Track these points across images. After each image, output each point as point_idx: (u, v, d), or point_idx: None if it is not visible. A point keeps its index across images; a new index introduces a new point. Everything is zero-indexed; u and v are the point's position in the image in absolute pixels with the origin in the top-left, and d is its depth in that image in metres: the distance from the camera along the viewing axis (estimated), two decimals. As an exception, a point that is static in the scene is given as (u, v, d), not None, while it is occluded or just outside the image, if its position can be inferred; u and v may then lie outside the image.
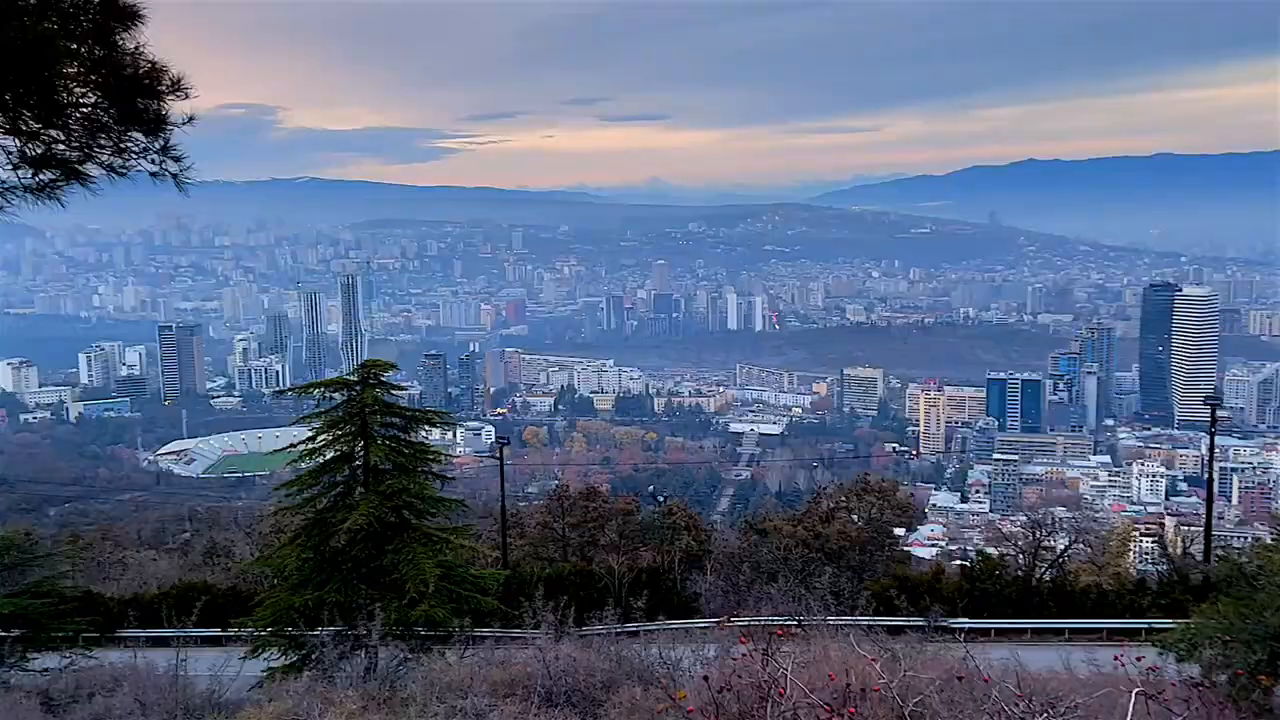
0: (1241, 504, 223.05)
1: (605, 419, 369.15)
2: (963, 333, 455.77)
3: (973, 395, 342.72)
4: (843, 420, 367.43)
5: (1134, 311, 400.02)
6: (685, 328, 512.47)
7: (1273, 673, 27.67)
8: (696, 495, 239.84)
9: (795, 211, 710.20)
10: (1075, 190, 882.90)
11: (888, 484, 57.92)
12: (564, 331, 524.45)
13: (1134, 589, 45.28)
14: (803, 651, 20.64)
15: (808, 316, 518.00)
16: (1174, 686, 10.65)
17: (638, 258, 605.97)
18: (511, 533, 56.12)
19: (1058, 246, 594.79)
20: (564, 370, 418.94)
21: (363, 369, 35.31)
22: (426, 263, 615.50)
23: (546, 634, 29.37)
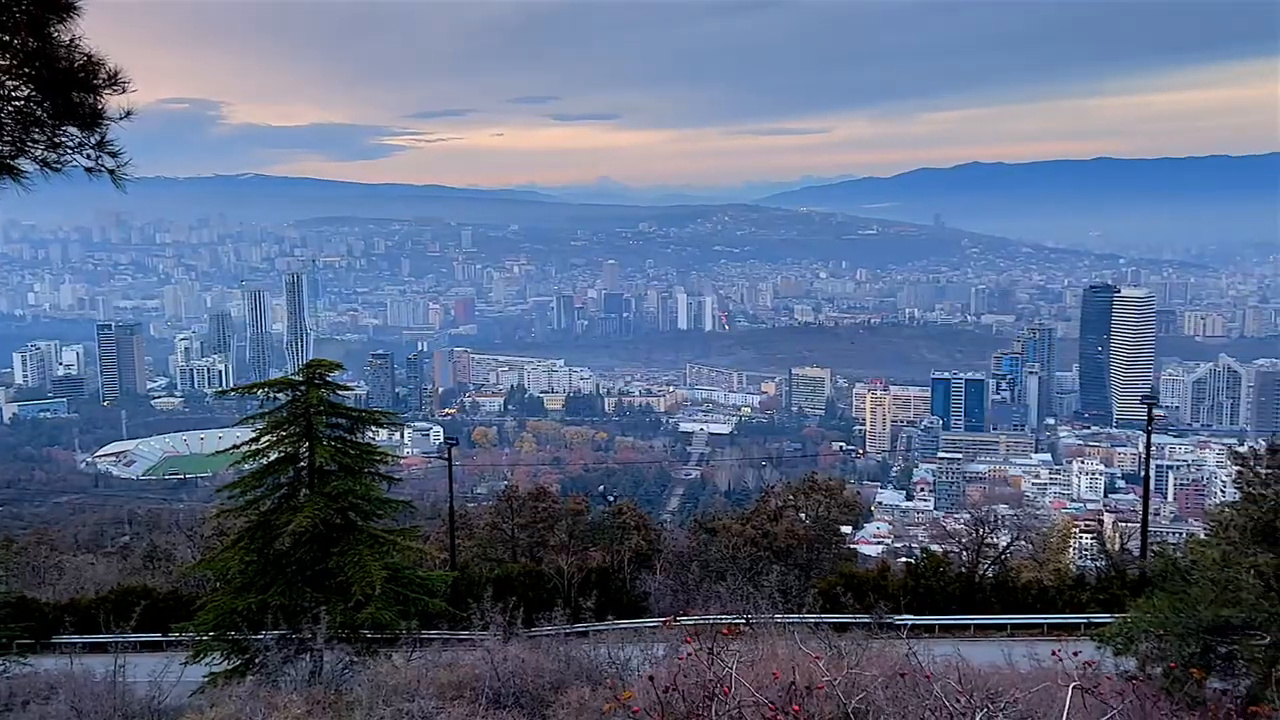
0: (1177, 501, 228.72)
1: (555, 419, 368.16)
2: (908, 333, 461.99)
3: (918, 395, 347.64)
4: (791, 419, 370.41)
5: (1074, 312, 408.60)
6: (636, 327, 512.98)
7: (1206, 666, 28.48)
8: (646, 495, 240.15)
9: (744, 212, 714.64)
10: (1018, 193, 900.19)
11: (835, 482, 58.50)
12: (514, 331, 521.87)
13: (1074, 584, 46.24)
14: (750, 650, 20.80)
15: (757, 316, 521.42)
16: (1109, 680, 10.92)
17: (588, 257, 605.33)
18: (460, 534, 55.70)
19: (1000, 248, 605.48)
20: (514, 370, 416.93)
21: (308, 369, 34.87)
22: (374, 261, 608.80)
23: (495, 635, 29.27)
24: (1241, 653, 27.64)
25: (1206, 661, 28.36)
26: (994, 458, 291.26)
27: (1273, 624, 26.84)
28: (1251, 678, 27.50)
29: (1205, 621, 27.67)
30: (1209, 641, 28.08)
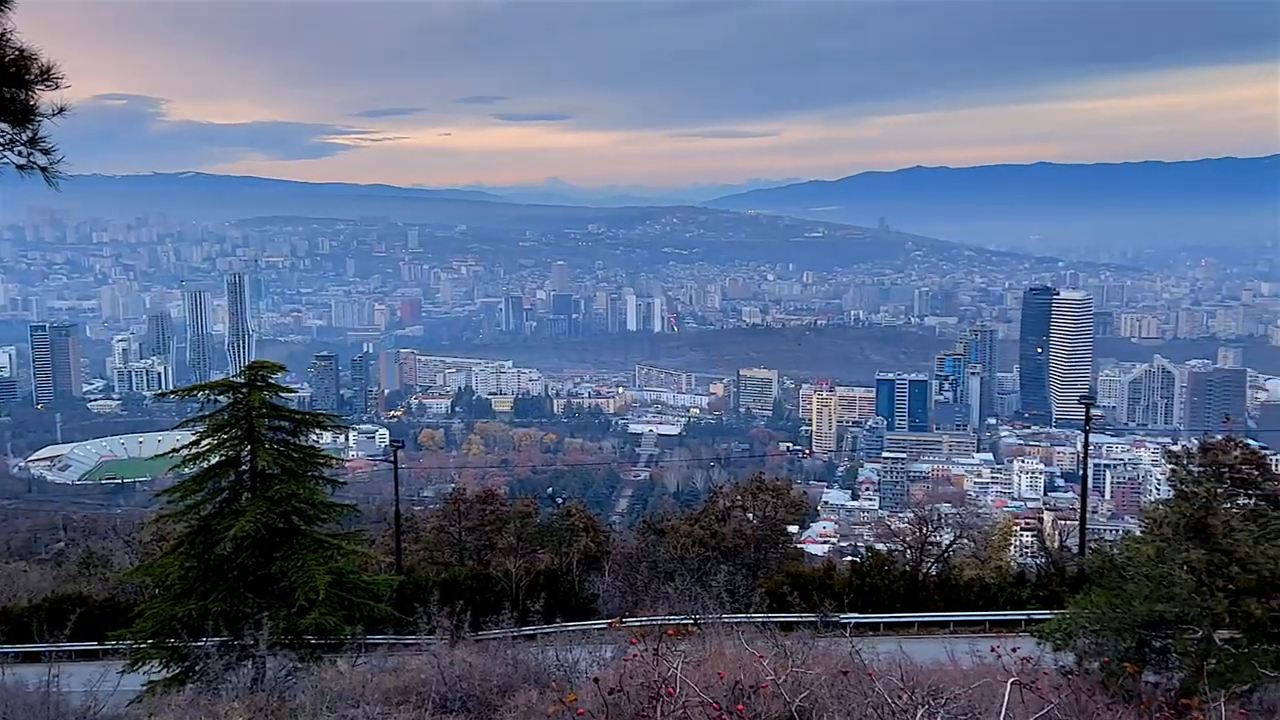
0: (1114, 498, 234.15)
1: (504, 421, 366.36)
2: (853, 334, 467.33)
3: (863, 395, 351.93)
4: (739, 420, 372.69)
5: (1015, 314, 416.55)
6: (585, 329, 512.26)
7: (1141, 660, 29.21)
8: (596, 496, 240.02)
9: (693, 214, 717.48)
10: (960, 197, 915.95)
11: (782, 483, 58.87)
12: (461, 332, 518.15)
13: (1014, 581, 47.06)
14: (698, 650, 20.89)
15: (705, 318, 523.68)
16: (1046, 675, 11.18)
17: (537, 258, 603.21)
18: (406, 537, 55.20)
19: (943, 251, 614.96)
20: (461, 371, 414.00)
21: (250, 370, 34.31)
22: (318, 261, 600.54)
23: (442, 639, 29.04)
24: (1175, 646, 28.40)
25: (1142, 656, 29.09)
26: (937, 457, 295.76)
27: (1204, 618, 27.61)
28: (1185, 671, 28.28)
29: (1140, 617, 28.37)
30: (1144, 636, 28.80)
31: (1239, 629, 28.14)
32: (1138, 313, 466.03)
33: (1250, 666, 26.98)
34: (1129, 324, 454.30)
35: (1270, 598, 27.54)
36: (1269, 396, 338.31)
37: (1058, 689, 10.45)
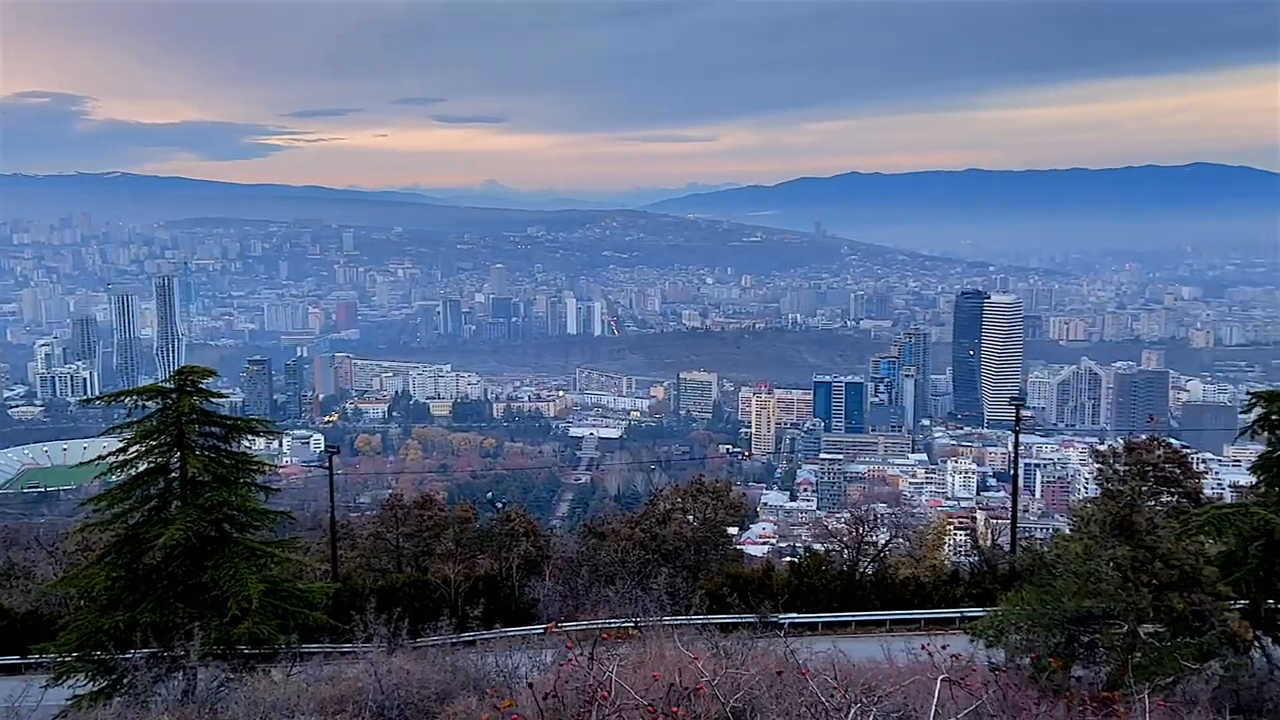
0: (1044, 497, 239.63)
1: (442, 425, 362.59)
2: (791, 338, 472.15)
3: (801, 397, 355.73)
4: (679, 423, 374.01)
5: (947, 318, 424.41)
6: (524, 332, 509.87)
7: (1070, 655, 29.96)
8: (536, 500, 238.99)
9: (633, 218, 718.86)
10: (894, 202, 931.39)
11: (721, 485, 59.20)
12: (398, 336, 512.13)
13: (948, 580, 47.92)
14: (639, 653, 20.93)
15: (645, 321, 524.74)
16: (975, 671, 11.42)
17: (475, 261, 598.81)
18: (342, 544, 54.46)
19: (878, 256, 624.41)
20: (398, 375, 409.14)
21: (179, 375, 33.62)
22: (250, 264, 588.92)
23: (379, 647, 28.72)
24: (1102, 641, 29.17)
25: (1071, 651, 29.82)
26: (873, 458, 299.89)
27: (1130, 613, 28.40)
28: (1111, 665, 29.05)
29: (1069, 612, 29.07)
30: (1073, 631, 29.52)
31: (1162, 623, 28.99)
32: (1065, 316, 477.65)
33: (1173, 659, 27.83)
34: (1057, 327, 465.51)
35: (1191, 592, 28.43)
36: (1190, 397, 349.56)
37: (986, 685, 10.69)
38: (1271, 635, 31.58)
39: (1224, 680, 28.72)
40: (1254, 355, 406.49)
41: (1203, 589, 28.59)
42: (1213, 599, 28.74)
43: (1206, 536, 31.18)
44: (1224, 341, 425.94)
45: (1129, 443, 41.27)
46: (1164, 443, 42.61)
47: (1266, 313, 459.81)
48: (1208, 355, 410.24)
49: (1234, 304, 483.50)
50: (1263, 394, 33.68)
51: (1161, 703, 15.70)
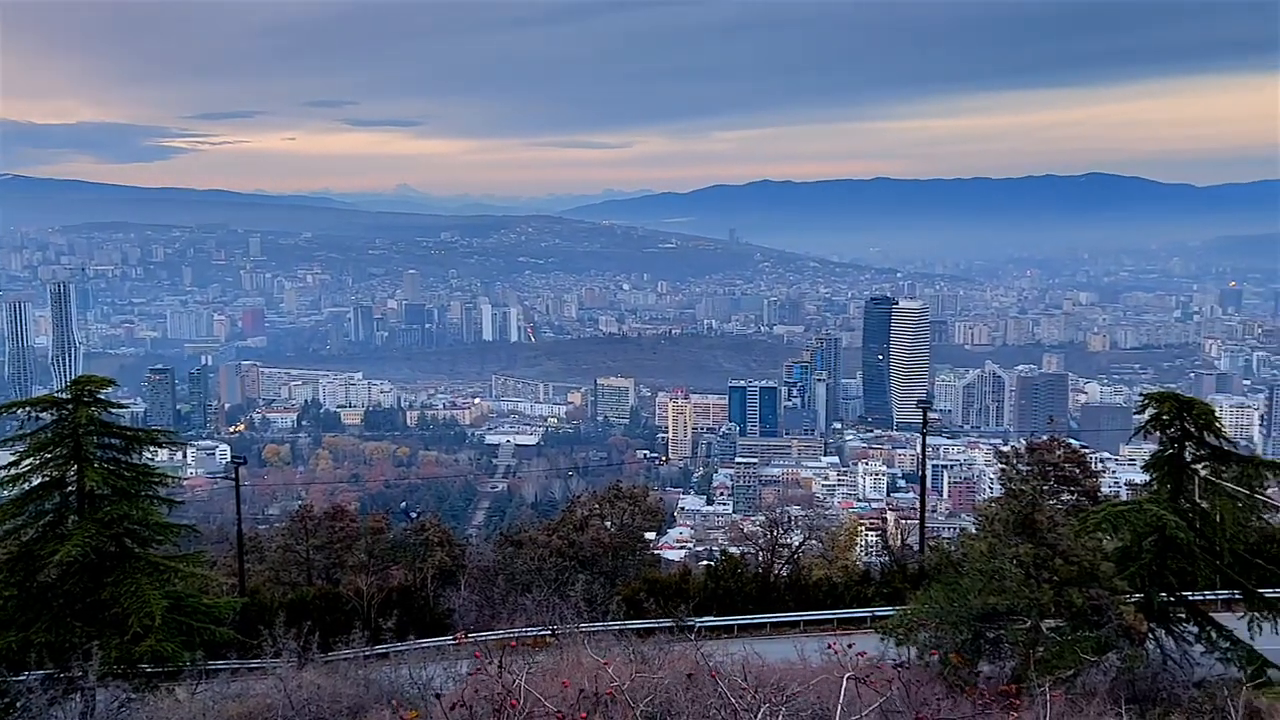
0: (952, 497, 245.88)
1: (354, 434, 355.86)
2: (707, 343, 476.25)
3: (717, 402, 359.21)
4: (597, 429, 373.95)
5: (857, 323, 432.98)
6: (439, 339, 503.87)
7: (977, 651, 30.83)
8: (452, 509, 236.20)
9: (548, 224, 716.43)
10: (805, 210, 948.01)
11: (638, 490, 59.46)
12: (308, 343, 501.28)
13: (860, 580, 48.85)
14: (555, 660, 20.87)
15: (562, 327, 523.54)
16: (882, 669, 11.71)
17: (387, 266, 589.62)
18: (250, 557, 53.15)
19: (790, 263, 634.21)
20: (308, 384, 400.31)
21: (75, 385, 32.48)
22: (151, 270, 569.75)
23: (288, 662, 28.08)
24: (1007, 637, 30.07)
25: (977, 647, 30.68)
26: (787, 461, 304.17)
27: (1032, 609, 29.35)
28: (1015, 660, 30.01)
29: (975, 610, 29.92)
30: (979, 628, 30.39)
31: (1063, 618, 30.04)
32: (970, 321, 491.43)
33: (1073, 653, 28.86)
34: (962, 331, 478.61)
35: (1090, 587, 29.53)
36: (1088, 399, 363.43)
37: (889, 683, 10.98)
38: (1164, 627, 32.98)
39: (1121, 671, 29.87)
40: (1147, 358, 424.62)
41: (1100, 584, 29.73)
42: (1110, 593, 29.91)
43: (1104, 533, 32.42)
44: (1119, 345, 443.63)
45: (1031, 443, 42.82)
46: (1064, 443, 44.29)
47: (1158, 317, 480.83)
48: (1104, 358, 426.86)
49: (1128, 309, 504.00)
50: (1154, 395, 35.16)
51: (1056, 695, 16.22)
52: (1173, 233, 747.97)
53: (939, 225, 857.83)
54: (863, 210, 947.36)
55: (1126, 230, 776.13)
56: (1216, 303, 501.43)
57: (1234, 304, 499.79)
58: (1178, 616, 33.19)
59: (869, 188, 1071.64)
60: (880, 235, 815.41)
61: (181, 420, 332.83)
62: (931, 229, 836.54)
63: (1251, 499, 33.05)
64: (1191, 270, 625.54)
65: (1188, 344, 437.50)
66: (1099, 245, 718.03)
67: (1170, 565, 32.55)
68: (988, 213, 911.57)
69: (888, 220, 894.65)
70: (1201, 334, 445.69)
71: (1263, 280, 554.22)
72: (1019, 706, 13.61)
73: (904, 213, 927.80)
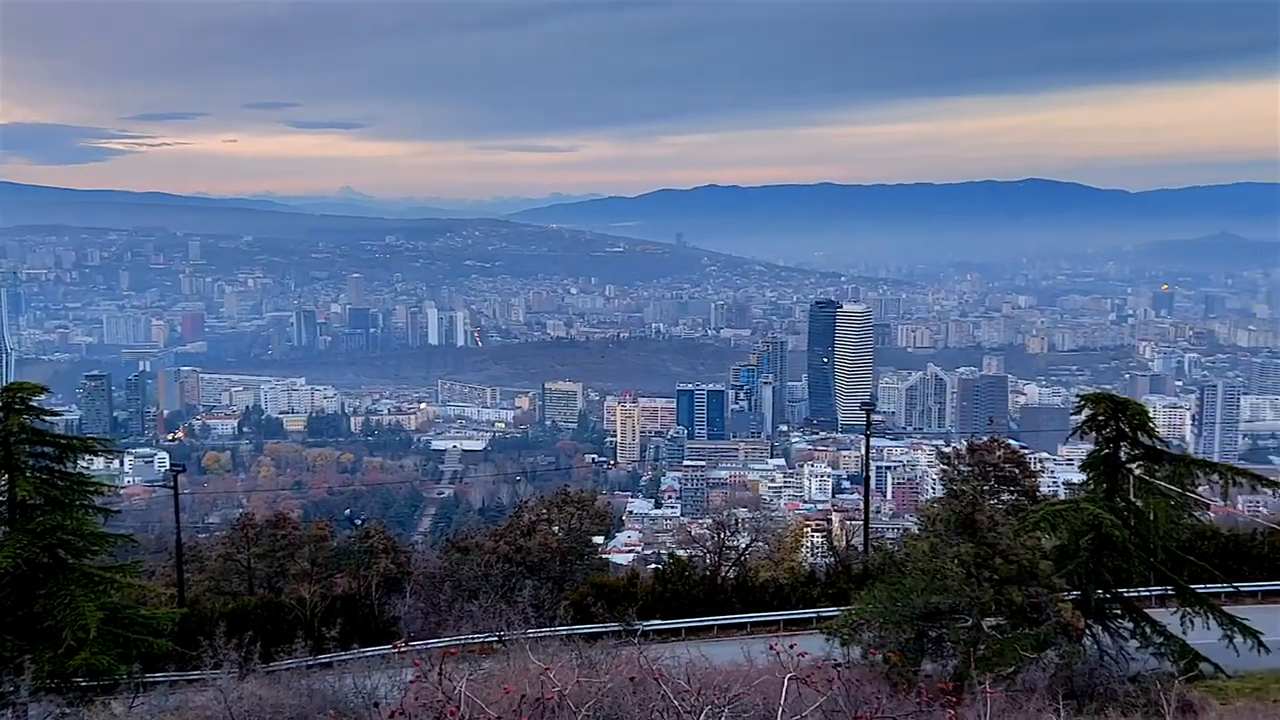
0: (895, 498, 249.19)
1: (297, 441, 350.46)
2: (654, 347, 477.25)
3: (664, 406, 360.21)
4: (545, 433, 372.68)
5: (803, 326, 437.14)
6: (384, 343, 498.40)
7: (920, 649, 31.30)
8: (397, 516, 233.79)
9: (495, 227, 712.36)
10: (751, 215, 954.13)
11: (587, 494, 59.52)
12: (249, 348, 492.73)
13: (806, 581, 49.34)
14: (502, 667, 20.76)
15: (509, 331, 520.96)
16: (822, 669, 11.87)
17: (331, 270, 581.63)
18: (189, 567, 52.13)
19: (737, 266, 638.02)
20: (250, 390, 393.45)
21: (7, 392, 31.68)
22: (87, 274, 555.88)
23: (229, 674, 27.60)
24: (949, 635, 30.60)
25: (921, 646, 31.17)
26: (734, 464, 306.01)
27: (974, 607, 29.89)
28: (957, 658, 30.52)
29: (918, 609, 30.39)
30: (922, 627, 30.88)
31: (1004, 616, 30.63)
32: (913, 324, 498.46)
33: (1013, 650, 29.42)
34: (905, 334, 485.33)
35: (1029, 586, 30.16)
36: (1027, 400, 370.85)
37: (830, 682, 11.11)
38: (1101, 624, 33.77)
39: (1059, 668, 30.53)
40: (1084, 360, 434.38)
41: (1039, 582, 30.38)
42: (1049, 591, 30.57)
43: (1042, 532, 33.12)
44: (1057, 347, 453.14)
45: (972, 444, 43.56)
46: (1004, 444, 45.14)
47: (1094, 320, 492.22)
48: (1043, 360, 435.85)
49: (1065, 312, 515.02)
50: (1090, 397, 36.02)
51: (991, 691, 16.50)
52: (1108, 237, 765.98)
53: (882, 230, 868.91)
54: (808, 215, 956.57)
55: (1064, 235, 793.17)
56: (1150, 306, 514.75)
57: (1166, 307, 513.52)
58: (1114, 613, 34.01)
59: (813, 192, 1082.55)
60: (825, 239, 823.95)
61: (119, 427, 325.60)
62: (875, 233, 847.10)
63: (1183, 497, 33.99)
64: (1126, 274, 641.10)
65: (1123, 346, 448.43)
66: (1037, 249, 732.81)
67: (1106, 563, 33.34)
68: (929, 217, 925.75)
69: (832, 225, 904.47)
70: (1136, 336, 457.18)
71: (1193, 284, 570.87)
72: (957, 704, 13.85)
73: (848, 217, 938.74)
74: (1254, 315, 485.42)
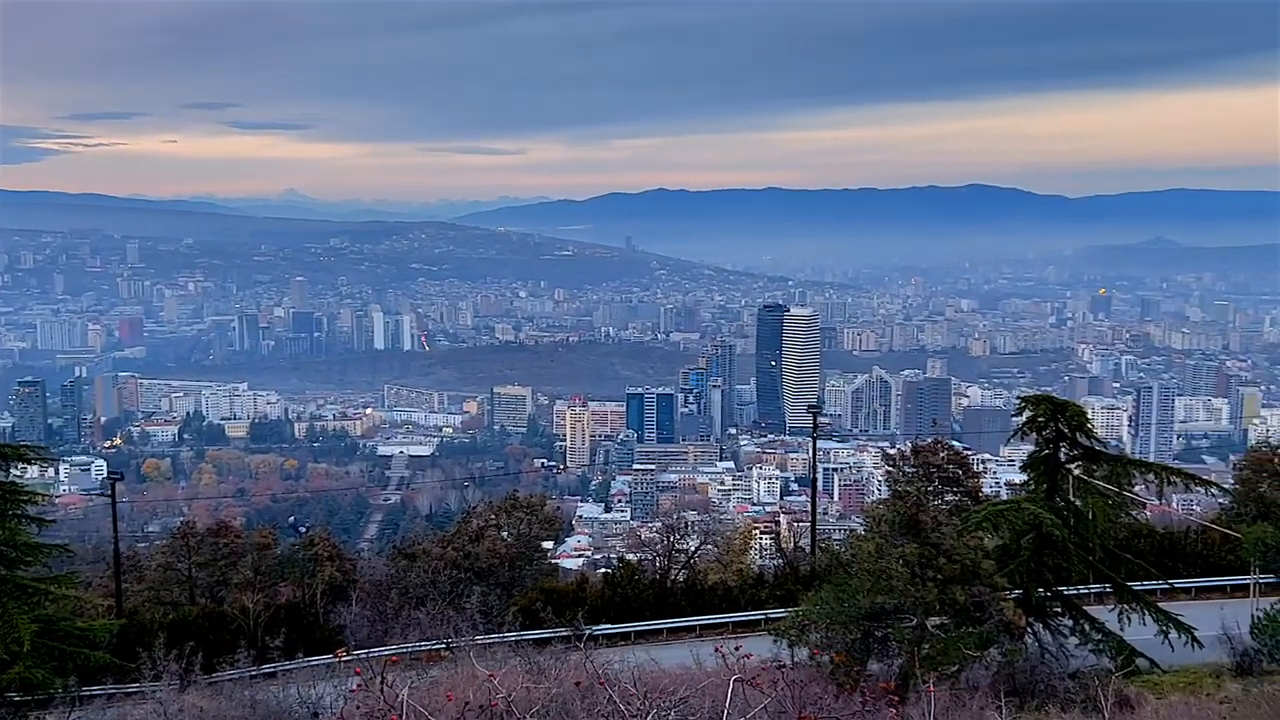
0: (842, 500, 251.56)
1: (239, 447, 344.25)
2: (604, 350, 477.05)
3: (614, 410, 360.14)
4: (493, 438, 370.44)
5: (751, 330, 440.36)
6: (329, 348, 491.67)
7: (866, 649, 31.63)
8: (343, 523, 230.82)
9: (442, 230, 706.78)
10: (700, 219, 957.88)
11: (536, 499, 59.22)
12: (190, 353, 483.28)
13: (754, 583, 49.64)
14: (450, 674, 20.60)
15: (457, 335, 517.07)
16: (765, 670, 11.97)
17: (274, 273, 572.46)
18: (129, 577, 51.01)
19: (686, 270, 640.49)
20: (190, 396, 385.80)
21: (-66, 400, 30.64)
22: (19, 277, 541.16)
23: (169, 685, 27.07)
24: (894, 635, 30.98)
25: (867, 646, 31.50)
26: (684, 467, 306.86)
27: (918, 607, 30.29)
28: (902, 657, 30.91)
29: (864, 609, 30.72)
30: (868, 627, 31.21)
31: (947, 615, 31.09)
32: (859, 327, 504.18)
33: (957, 649, 29.88)
34: (851, 338, 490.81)
35: (972, 585, 30.66)
36: (970, 402, 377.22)
37: (775, 684, 11.20)
38: (1042, 622, 34.44)
39: (1002, 666, 31.07)
40: (1024, 362, 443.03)
41: (982, 581, 30.88)
42: (991, 590, 31.10)
43: (985, 532, 33.70)
44: (999, 350, 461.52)
45: (916, 446, 44.20)
46: (947, 445, 45.91)
47: (1034, 323, 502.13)
48: (985, 363, 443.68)
49: (1006, 315, 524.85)
50: (1030, 398, 36.78)
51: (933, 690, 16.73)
52: (1047, 242, 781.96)
53: (828, 234, 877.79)
54: (756, 219, 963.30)
55: (1005, 240, 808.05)
56: (1088, 309, 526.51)
57: (1104, 310, 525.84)
58: (1054, 611, 34.70)
59: (761, 197, 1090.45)
60: (772, 244, 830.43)
61: (54, 435, 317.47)
62: (821, 238, 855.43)
63: (1121, 496, 34.85)
64: (1065, 278, 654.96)
65: (1062, 349, 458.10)
66: (979, 254, 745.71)
67: (1047, 561, 34.03)
68: (874, 222, 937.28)
69: (780, 229, 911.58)
70: (1074, 339, 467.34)
71: (1130, 287, 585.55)
72: (898, 704, 14.03)
73: (795, 222, 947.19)
74: (1188, 318, 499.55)
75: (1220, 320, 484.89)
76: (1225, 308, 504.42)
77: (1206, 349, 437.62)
